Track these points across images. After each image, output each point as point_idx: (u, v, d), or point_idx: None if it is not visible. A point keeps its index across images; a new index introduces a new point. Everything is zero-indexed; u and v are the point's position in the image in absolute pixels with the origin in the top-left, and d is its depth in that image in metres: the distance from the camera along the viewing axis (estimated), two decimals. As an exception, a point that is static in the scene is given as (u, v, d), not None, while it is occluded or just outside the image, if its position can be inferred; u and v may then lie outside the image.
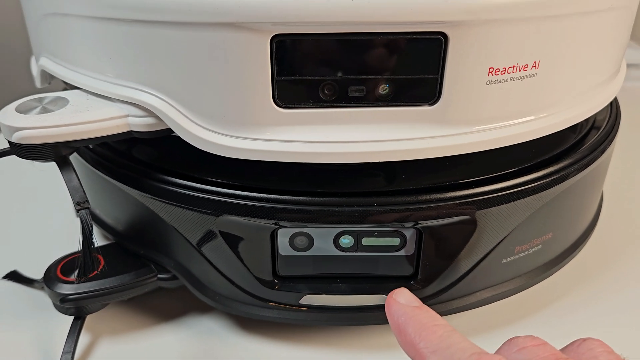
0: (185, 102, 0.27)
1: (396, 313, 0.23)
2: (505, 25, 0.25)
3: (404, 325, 0.22)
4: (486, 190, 0.29)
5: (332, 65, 0.26)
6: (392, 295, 0.24)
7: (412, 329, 0.22)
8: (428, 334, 0.21)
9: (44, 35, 0.32)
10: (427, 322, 0.22)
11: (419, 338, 0.21)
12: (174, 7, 0.25)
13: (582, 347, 0.21)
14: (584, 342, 0.21)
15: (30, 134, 0.27)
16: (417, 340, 0.21)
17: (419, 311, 0.23)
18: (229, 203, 0.29)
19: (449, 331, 0.21)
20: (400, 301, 0.24)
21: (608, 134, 0.36)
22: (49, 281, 0.33)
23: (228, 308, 0.33)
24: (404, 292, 0.24)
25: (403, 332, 0.22)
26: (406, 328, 0.22)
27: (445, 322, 0.22)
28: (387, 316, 0.24)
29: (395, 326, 0.23)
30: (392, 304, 0.24)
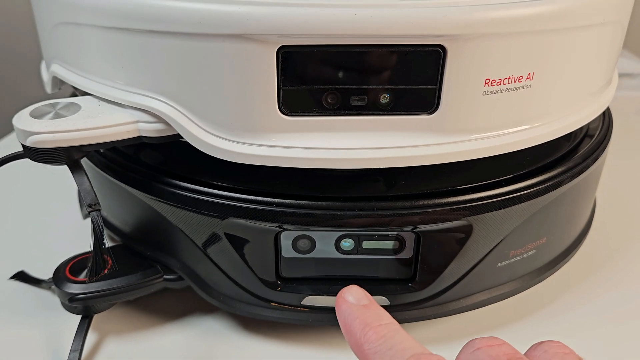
0: (194, 109, 0.28)
1: (344, 312, 0.22)
2: (501, 39, 0.26)
3: (351, 325, 0.22)
4: (482, 196, 0.30)
5: (335, 75, 0.27)
6: (341, 293, 0.23)
7: (358, 328, 0.21)
8: (372, 334, 0.21)
9: (56, 42, 0.33)
10: (371, 322, 0.21)
11: (364, 338, 0.21)
12: (186, 19, 0.26)
13: (537, 350, 0.20)
14: (540, 344, 0.21)
15: (44, 138, 0.28)
16: (362, 341, 0.21)
17: (365, 310, 0.22)
18: (235, 206, 0.30)
19: (393, 330, 0.21)
20: (349, 299, 0.23)
21: (600, 142, 0.37)
22: (58, 281, 0.34)
23: (232, 308, 0.34)
24: (352, 289, 0.23)
25: (350, 331, 0.22)
26: (352, 328, 0.22)
27: (391, 320, 0.22)
28: (337, 315, 0.23)
29: (343, 326, 0.22)
30: (340, 303, 0.23)
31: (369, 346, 0.21)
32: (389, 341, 0.20)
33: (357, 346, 0.21)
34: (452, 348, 0.35)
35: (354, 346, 0.21)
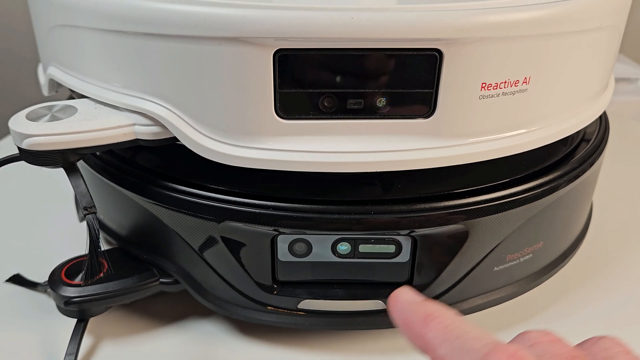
0: (190, 112, 0.28)
1: (401, 308, 0.21)
2: (497, 43, 0.27)
3: (409, 317, 0.21)
4: (479, 200, 0.30)
5: (332, 79, 0.27)
6: (393, 295, 0.23)
7: (419, 320, 0.20)
8: (436, 323, 0.20)
9: (53, 45, 0.33)
10: (434, 312, 0.20)
11: (427, 329, 0.20)
12: (182, 22, 0.26)
13: (596, 346, 0.19)
14: (599, 340, 0.20)
15: (40, 140, 0.28)
16: (425, 331, 0.20)
17: (425, 303, 0.21)
18: (231, 210, 0.30)
19: (459, 320, 0.20)
20: (403, 298, 0.22)
21: (597, 147, 0.37)
22: (54, 284, 0.34)
23: (228, 312, 0.34)
24: (406, 290, 0.23)
25: (410, 325, 0.21)
26: (412, 321, 0.20)
27: (454, 311, 0.20)
28: (392, 314, 0.22)
29: (401, 321, 0.21)
30: (395, 302, 0.22)
31: (433, 335, 0.19)
32: (457, 329, 0.19)
33: (418, 338, 0.20)
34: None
35: (415, 338, 0.20)
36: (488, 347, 0.18)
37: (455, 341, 0.19)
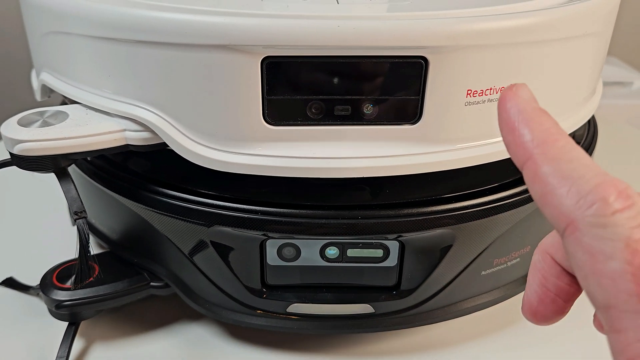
0: (180, 118, 0.29)
1: (514, 108, 0.19)
2: (482, 51, 0.27)
3: (521, 124, 0.19)
4: (466, 205, 0.31)
5: (319, 86, 0.27)
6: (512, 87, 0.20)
7: (530, 130, 0.18)
8: (549, 141, 0.18)
9: (45, 51, 0.34)
10: (549, 127, 0.18)
11: (537, 142, 0.18)
12: (171, 30, 0.26)
13: None
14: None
15: (31, 146, 0.29)
16: (534, 145, 0.18)
17: (541, 113, 0.19)
18: (220, 214, 0.30)
19: (573, 144, 0.18)
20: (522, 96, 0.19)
21: (585, 151, 0.38)
22: (45, 288, 0.34)
23: (218, 316, 0.34)
24: (525, 88, 0.20)
25: (516, 131, 0.19)
26: (522, 128, 0.18)
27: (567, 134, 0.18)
28: (499, 109, 0.19)
29: (507, 123, 0.19)
30: (509, 97, 0.19)
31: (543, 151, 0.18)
32: (570, 152, 0.17)
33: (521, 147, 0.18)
34: (437, 356, 0.35)
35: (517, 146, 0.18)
36: (599, 177, 0.16)
37: (567, 164, 0.17)
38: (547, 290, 0.20)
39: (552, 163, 0.17)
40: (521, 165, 0.18)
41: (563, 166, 0.17)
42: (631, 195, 0.16)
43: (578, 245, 0.16)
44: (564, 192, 0.16)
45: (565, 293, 0.20)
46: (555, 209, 0.17)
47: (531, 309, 0.20)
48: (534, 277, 0.21)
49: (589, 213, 0.16)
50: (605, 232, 0.15)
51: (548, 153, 0.17)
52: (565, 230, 0.16)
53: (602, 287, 0.15)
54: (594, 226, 0.16)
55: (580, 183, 0.16)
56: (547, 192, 0.17)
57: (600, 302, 0.16)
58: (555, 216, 0.17)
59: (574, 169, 0.17)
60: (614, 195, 0.16)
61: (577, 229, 0.16)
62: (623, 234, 0.15)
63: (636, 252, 0.15)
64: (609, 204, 0.16)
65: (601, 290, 0.16)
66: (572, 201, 0.16)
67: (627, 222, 0.15)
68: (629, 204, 0.16)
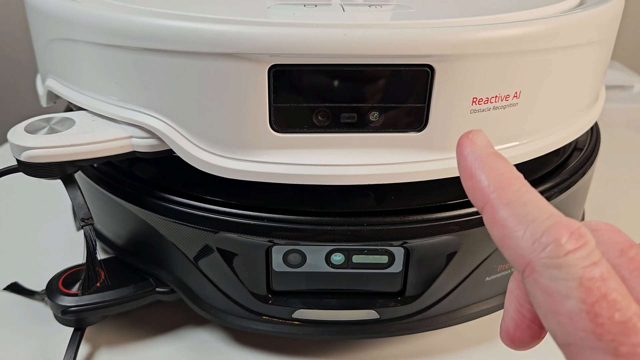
0: (187, 125, 0.29)
1: (470, 155, 0.20)
2: (487, 59, 0.27)
3: (477, 170, 0.19)
4: (471, 212, 0.31)
5: (325, 93, 0.27)
6: (467, 134, 0.21)
7: (487, 176, 0.19)
8: (504, 185, 0.18)
9: (51, 58, 0.34)
10: (504, 172, 0.19)
11: (493, 187, 0.19)
12: (179, 38, 0.26)
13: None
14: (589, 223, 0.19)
15: (38, 153, 0.29)
16: (490, 190, 0.19)
17: (496, 158, 0.20)
18: (227, 221, 0.30)
19: (527, 187, 0.19)
20: (477, 143, 0.20)
21: (588, 157, 0.38)
22: (51, 293, 0.34)
23: (223, 321, 0.34)
24: (481, 134, 0.21)
25: (474, 178, 0.19)
26: (479, 174, 0.19)
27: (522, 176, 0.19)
28: (458, 156, 0.20)
29: (465, 169, 0.20)
30: (466, 145, 0.20)
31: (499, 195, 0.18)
32: (525, 195, 0.18)
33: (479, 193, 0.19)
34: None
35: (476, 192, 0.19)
36: (552, 219, 0.17)
37: (522, 207, 0.17)
38: (523, 316, 0.20)
39: (508, 207, 0.18)
40: (480, 209, 0.19)
41: (518, 210, 0.17)
42: (583, 234, 0.16)
43: (536, 286, 0.16)
44: (520, 234, 0.17)
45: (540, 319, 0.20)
46: (513, 252, 0.17)
47: (508, 334, 0.21)
48: (510, 304, 0.21)
49: (544, 255, 0.16)
50: (559, 273, 0.16)
51: (504, 197, 0.18)
52: (524, 271, 0.17)
53: (561, 325, 0.16)
54: (549, 267, 0.16)
55: (534, 226, 0.17)
56: (504, 236, 0.17)
57: (560, 340, 0.16)
58: (514, 258, 0.17)
59: (528, 212, 0.17)
60: (566, 236, 0.16)
61: (534, 271, 0.16)
62: (576, 273, 0.16)
63: (589, 291, 0.15)
64: (561, 245, 0.16)
65: (560, 329, 0.16)
66: (528, 244, 0.17)
67: (579, 261, 0.16)
68: (581, 244, 0.16)
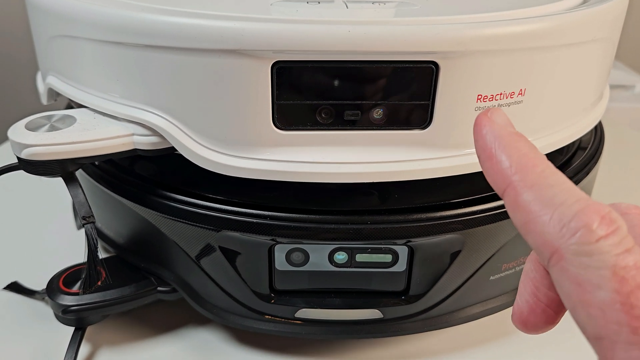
0: (189, 122, 0.29)
1: (489, 134, 0.19)
2: (492, 56, 0.27)
3: (498, 150, 0.18)
4: (475, 210, 0.31)
5: (329, 91, 0.27)
6: (486, 113, 0.19)
7: (508, 156, 0.18)
8: (527, 166, 0.17)
9: (52, 55, 0.33)
10: (527, 152, 0.18)
11: (515, 169, 0.17)
12: (181, 34, 0.26)
13: None
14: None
15: (39, 150, 0.28)
16: (512, 171, 0.17)
17: (518, 137, 0.18)
18: (229, 219, 0.30)
19: (552, 168, 0.17)
20: (497, 121, 0.19)
21: (593, 156, 0.38)
22: (52, 292, 0.34)
23: (225, 320, 0.34)
24: (500, 112, 0.19)
25: (494, 158, 0.18)
26: (499, 154, 0.18)
27: (546, 158, 0.18)
28: (475, 135, 0.19)
29: (484, 150, 0.19)
30: (485, 123, 0.19)
31: (522, 177, 0.17)
32: (550, 177, 0.17)
33: (500, 175, 0.18)
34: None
35: (496, 174, 0.18)
36: (581, 203, 0.16)
37: (548, 190, 0.16)
38: (538, 300, 0.19)
39: (533, 189, 0.17)
40: (501, 192, 0.18)
41: (544, 192, 0.16)
42: (615, 219, 0.15)
43: (564, 275, 0.15)
44: (546, 219, 0.16)
45: (556, 304, 0.19)
46: (539, 237, 0.16)
47: (521, 317, 0.20)
48: (525, 286, 0.20)
49: (573, 241, 0.15)
50: (590, 261, 0.15)
51: (527, 179, 0.17)
52: (550, 259, 0.16)
53: (592, 317, 0.15)
54: (579, 254, 0.15)
55: (562, 210, 0.16)
56: (529, 221, 0.16)
57: (590, 333, 0.15)
58: (539, 245, 0.16)
59: (555, 194, 0.16)
60: (597, 221, 0.15)
61: (562, 258, 0.15)
62: (609, 261, 0.15)
63: (624, 280, 0.14)
64: (592, 231, 0.15)
65: (591, 321, 0.15)
66: (556, 229, 0.16)
67: (612, 248, 0.15)
68: (613, 229, 0.15)
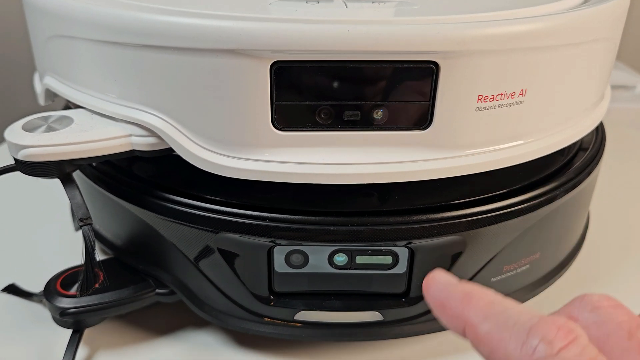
0: (187, 123, 0.28)
1: (436, 290, 0.20)
2: (493, 56, 0.27)
3: (446, 299, 0.19)
4: (476, 212, 0.30)
5: (328, 91, 0.27)
6: (429, 276, 0.21)
7: (457, 300, 0.19)
8: (476, 301, 0.18)
9: (49, 55, 0.33)
10: (472, 290, 0.19)
11: (467, 307, 0.18)
12: (179, 34, 0.26)
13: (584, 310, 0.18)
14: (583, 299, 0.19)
15: (36, 152, 0.28)
16: (465, 311, 0.18)
17: (462, 283, 0.20)
18: (228, 221, 0.30)
19: (498, 297, 0.18)
20: (439, 279, 0.21)
21: (594, 157, 0.38)
22: (49, 295, 0.34)
23: (224, 323, 0.34)
24: (439, 272, 0.21)
25: (446, 306, 0.19)
26: (449, 301, 0.19)
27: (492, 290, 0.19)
28: (426, 298, 0.20)
29: (436, 304, 0.20)
30: (430, 284, 0.20)
31: (474, 313, 0.18)
32: (499, 304, 0.18)
33: (456, 318, 0.19)
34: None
35: (453, 319, 0.19)
36: (534, 319, 0.16)
37: (499, 316, 0.17)
38: None
39: (488, 320, 0.17)
40: (463, 333, 0.18)
41: (498, 319, 0.17)
42: (572, 329, 0.15)
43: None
44: (507, 343, 0.16)
45: None
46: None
47: None
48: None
49: (536, 357, 0.15)
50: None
51: (480, 313, 0.18)
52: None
53: None
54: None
55: (517, 329, 0.16)
56: (492, 349, 0.17)
57: None
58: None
59: (508, 317, 0.17)
60: (554, 332, 0.15)
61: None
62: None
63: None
64: (551, 343, 0.15)
65: None
66: (517, 350, 0.16)
67: (575, 358, 0.15)
68: (572, 339, 0.15)
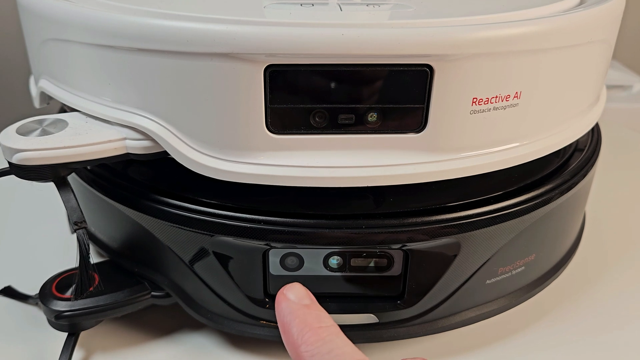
0: (181, 126, 0.28)
1: (283, 310, 0.21)
2: (487, 59, 0.27)
3: (289, 324, 0.21)
4: (471, 214, 0.30)
5: (322, 94, 0.27)
6: (282, 290, 0.22)
7: (296, 329, 0.20)
8: (310, 335, 0.20)
9: (44, 58, 0.33)
10: (312, 323, 0.20)
11: (301, 340, 0.20)
12: (173, 38, 0.26)
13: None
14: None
15: (30, 155, 0.28)
16: (299, 342, 0.20)
17: (306, 310, 0.21)
18: (223, 224, 0.30)
19: (333, 334, 0.20)
20: (290, 297, 0.22)
21: (589, 158, 0.38)
22: (44, 298, 0.34)
23: (220, 326, 0.34)
24: (295, 287, 0.22)
25: (287, 331, 0.20)
26: (291, 327, 0.20)
27: (332, 323, 0.20)
28: (276, 313, 0.22)
29: (281, 325, 0.21)
30: (280, 300, 0.22)
31: (306, 348, 0.19)
32: (328, 344, 0.19)
33: (293, 347, 0.20)
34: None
35: (291, 347, 0.20)
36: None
37: (325, 356, 0.19)
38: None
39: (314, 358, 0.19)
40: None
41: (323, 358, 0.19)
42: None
43: None
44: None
45: None
46: None
47: None
48: None
49: None
50: None
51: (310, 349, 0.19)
52: None
53: None
54: None
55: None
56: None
57: None
58: None
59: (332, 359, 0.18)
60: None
61: None
62: None
63: None
64: None
65: None
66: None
67: None
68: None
